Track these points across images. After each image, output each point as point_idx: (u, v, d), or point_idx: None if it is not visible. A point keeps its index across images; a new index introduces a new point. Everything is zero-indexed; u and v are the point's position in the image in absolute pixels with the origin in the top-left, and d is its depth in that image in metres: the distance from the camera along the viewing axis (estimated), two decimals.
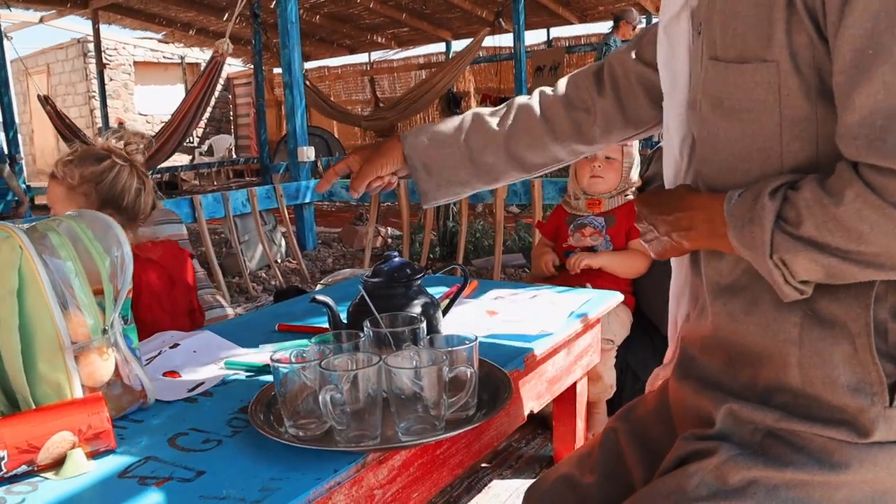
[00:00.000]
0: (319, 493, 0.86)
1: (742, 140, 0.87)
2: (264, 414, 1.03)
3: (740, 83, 0.84)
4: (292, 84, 5.46)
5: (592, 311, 1.62)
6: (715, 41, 0.88)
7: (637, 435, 1.12)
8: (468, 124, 1.29)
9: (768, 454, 0.86)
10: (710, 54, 0.89)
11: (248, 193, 4.78)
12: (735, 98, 0.86)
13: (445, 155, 1.28)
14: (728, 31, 0.85)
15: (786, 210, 0.79)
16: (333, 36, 12.70)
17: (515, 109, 1.29)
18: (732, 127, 0.87)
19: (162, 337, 1.47)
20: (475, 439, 1.23)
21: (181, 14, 11.13)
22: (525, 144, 1.27)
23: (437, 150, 1.28)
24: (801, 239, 0.78)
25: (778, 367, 0.87)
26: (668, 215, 0.97)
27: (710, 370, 0.97)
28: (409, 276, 1.26)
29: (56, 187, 1.63)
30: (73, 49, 14.51)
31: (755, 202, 0.81)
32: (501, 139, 1.27)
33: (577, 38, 12.53)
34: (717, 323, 0.95)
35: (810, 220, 0.77)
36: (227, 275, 4.75)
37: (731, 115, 0.87)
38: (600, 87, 1.26)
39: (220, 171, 13.10)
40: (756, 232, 0.81)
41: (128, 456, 0.97)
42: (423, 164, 1.28)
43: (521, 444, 2.20)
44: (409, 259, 4.76)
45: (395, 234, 6.00)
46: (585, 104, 1.26)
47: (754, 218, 0.81)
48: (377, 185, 1.32)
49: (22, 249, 0.98)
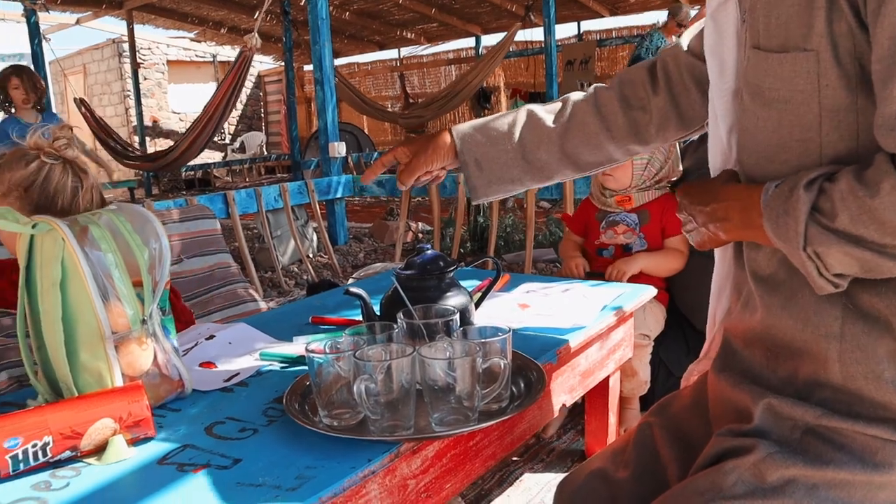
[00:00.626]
0: (353, 481, 0.87)
1: (780, 130, 0.86)
2: (299, 404, 1.05)
3: (779, 72, 0.84)
4: (323, 80, 5.50)
5: (626, 304, 1.61)
6: (758, 30, 0.87)
7: (672, 430, 1.11)
8: (522, 121, 1.27)
9: (808, 452, 0.84)
10: (753, 43, 0.88)
11: (280, 189, 4.83)
12: (774, 88, 0.85)
13: (498, 151, 1.25)
14: (770, 20, 0.84)
15: (821, 202, 0.78)
16: (363, 32, 12.74)
17: (571, 107, 1.27)
18: (771, 116, 0.86)
19: (198, 329, 1.49)
20: (508, 431, 1.24)
21: (213, 13, 11.25)
22: (580, 143, 1.25)
23: (490, 147, 1.26)
24: (835, 231, 0.77)
25: (818, 362, 0.85)
26: (706, 206, 0.96)
27: (751, 364, 0.96)
28: (442, 269, 1.27)
29: None
30: (108, 49, 14.75)
31: (791, 193, 0.80)
32: (556, 137, 1.25)
33: (608, 32, 12.43)
34: (758, 313, 0.94)
35: (845, 212, 0.76)
36: (259, 269, 4.81)
37: (770, 104, 0.86)
38: (654, 85, 1.24)
39: (251, 168, 13.24)
40: (790, 223, 0.80)
41: (167, 443, 0.99)
42: (475, 159, 1.26)
43: (553, 438, 2.19)
44: None
45: (425, 229, 6.01)
46: (641, 102, 1.24)
47: (789, 209, 0.80)
48: (426, 178, 1.30)
49: (64, 242, 1.00)
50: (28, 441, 0.90)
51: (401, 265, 1.31)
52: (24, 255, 1.04)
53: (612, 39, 12.26)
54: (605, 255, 2.32)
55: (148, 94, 14.17)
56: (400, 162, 1.30)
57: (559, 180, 1.32)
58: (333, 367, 0.98)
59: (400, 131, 13.60)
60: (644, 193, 2.28)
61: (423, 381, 0.96)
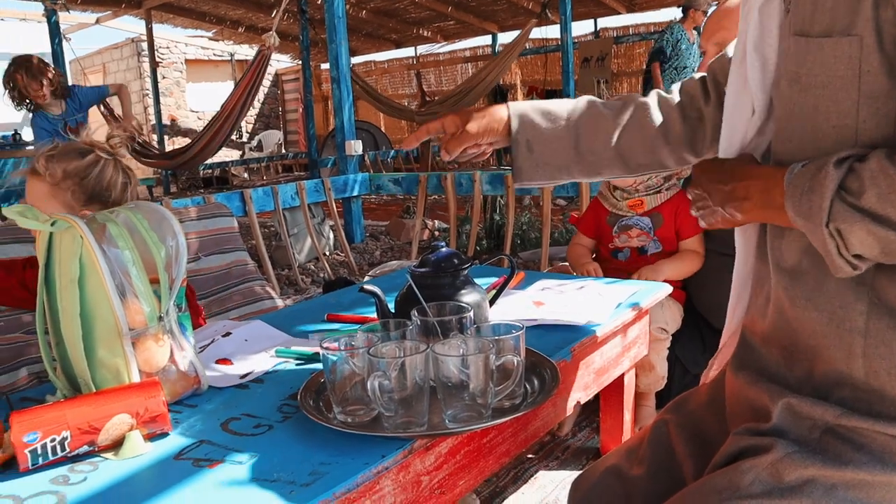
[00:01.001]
0: (367, 477, 0.88)
1: (816, 116, 0.85)
2: (314, 400, 1.05)
3: (820, 57, 0.83)
4: (340, 78, 5.51)
5: (641, 302, 1.61)
6: (802, 17, 0.86)
7: (688, 428, 1.11)
8: (581, 109, 1.25)
9: (827, 452, 0.83)
10: (796, 30, 0.87)
11: (296, 187, 4.85)
12: (813, 73, 0.84)
13: (552, 135, 1.23)
14: (817, 5, 0.83)
15: (849, 180, 0.78)
16: (380, 30, 12.76)
17: (632, 105, 1.26)
18: (807, 102, 0.85)
19: (214, 326, 1.50)
20: (522, 429, 1.24)
21: (231, 12, 11.32)
22: (636, 142, 1.24)
23: (546, 130, 1.23)
24: (860, 209, 0.76)
25: (841, 358, 0.84)
26: (725, 185, 0.95)
27: (769, 362, 0.95)
28: (457, 266, 1.27)
29: (37, 184, 1.50)
30: (127, 48, 14.88)
31: (819, 171, 0.80)
32: (613, 131, 1.24)
33: (624, 28, 12.37)
34: (778, 309, 0.93)
35: (873, 189, 0.75)
36: (276, 267, 4.83)
37: (807, 90, 0.85)
38: (706, 95, 1.23)
39: (269, 166, 13.30)
40: (815, 200, 0.79)
41: (183, 439, 1.00)
42: (527, 140, 1.23)
43: (568, 435, 2.19)
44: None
45: (441, 227, 6.02)
46: (699, 111, 1.23)
47: (815, 186, 0.79)
48: (472, 151, 1.26)
49: (83, 239, 1.01)
50: (47, 436, 0.91)
51: (415, 262, 1.31)
52: (44, 252, 1.06)
53: (629, 36, 12.20)
54: (619, 258, 2.31)
55: (166, 93, 14.28)
56: (447, 131, 1.25)
57: (604, 178, 1.31)
58: (348, 363, 0.98)
59: (415, 128, 13.59)
60: (656, 196, 2.27)
61: (437, 377, 0.96)
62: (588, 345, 1.40)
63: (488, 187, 4.71)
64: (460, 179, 4.81)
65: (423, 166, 10.10)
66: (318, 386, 1.10)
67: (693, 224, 2.21)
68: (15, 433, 0.90)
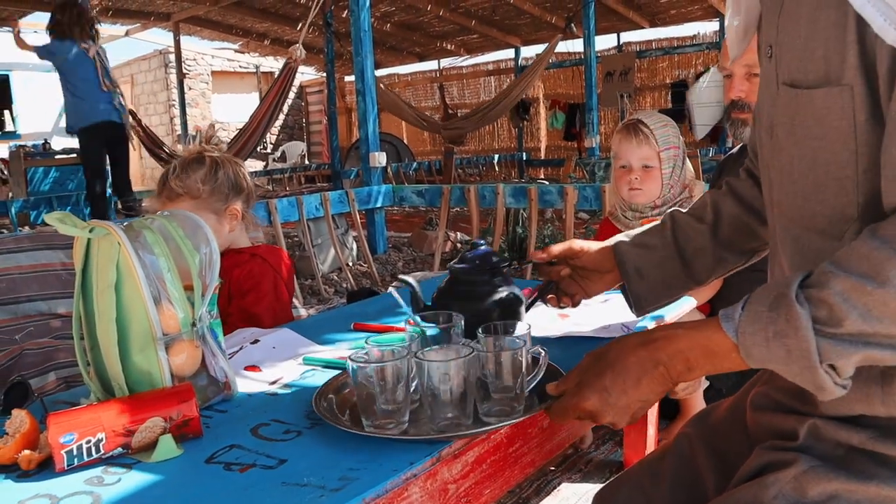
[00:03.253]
0: (396, 483, 0.89)
1: (815, 168, 0.83)
2: (338, 406, 1.06)
3: (812, 109, 0.81)
4: (365, 91, 5.56)
5: (666, 315, 1.60)
6: (787, 65, 0.85)
7: (709, 442, 1.11)
8: (670, 224, 1.27)
9: (851, 467, 0.82)
10: (784, 79, 0.86)
11: (321, 198, 4.89)
12: (807, 125, 0.83)
13: (659, 258, 1.25)
14: (801, 54, 0.82)
15: (818, 311, 0.73)
16: (403, 44, 12.86)
17: (711, 204, 1.25)
18: (805, 155, 0.84)
19: (243, 333, 1.52)
20: (547, 439, 1.24)
21: (256, 25, 11.47)
22: (732, 233, 1.24)
23: (649, 254, 1.26)
24: (847, 338, 0.73)
25: (861, 400, 0.83)
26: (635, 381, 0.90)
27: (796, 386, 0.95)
28: (496, 265, 1.28)
29: (182, 205, 1.65)
30: (155, 60, 15.13)
31: (778, 313, 0.75)
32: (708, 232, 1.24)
33: (647, 43, 12.38)
34: None
35: (852, 312, 0.71)
36: (300, 277, 4.87)
37: (803, 142, 0.84)
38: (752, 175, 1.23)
39: (292, 177, 13.42)
40: (791, 343, 0.75)
41: (214, 443, 1.01)
42: (636, 268, 1.25)
43: (591, 448, 2.18)
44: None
45: (464, 240, 6.03)
46: None
47: (785, 330, 0.75)
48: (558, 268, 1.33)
49: (120, 245, 1.04)
50: (82, 437, 0.93)
51: (455, 260, 1.32)
52: (81, 257, 1.08)
53: (652, 51, 12.20)
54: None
55: (192, 104, 14.48)
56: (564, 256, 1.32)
57: (721, 276, 1.29)
58: (376, 375, 0.99)
59: (438, 141, 13.68)
60: None
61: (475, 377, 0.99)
62: None
63: (511, 200, 4.72)
64: (483, 192, 4.82)
65: (446, 178, 10.13)
66: (334, 391, 1.11)
67: None
68: (52, 434, 0.92)
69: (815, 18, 0.80)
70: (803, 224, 0.88)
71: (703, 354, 0.85)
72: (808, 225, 0.87)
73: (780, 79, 0.87)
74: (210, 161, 1.69)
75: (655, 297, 1.27)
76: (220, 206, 1.72)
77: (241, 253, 1.79)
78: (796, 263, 0.91)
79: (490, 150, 13.99)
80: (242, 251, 1.81)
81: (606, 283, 1.30)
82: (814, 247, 0.87)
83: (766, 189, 1.00)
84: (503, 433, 1.10)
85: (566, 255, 1.30)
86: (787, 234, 0.92)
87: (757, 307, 0.78)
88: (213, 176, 1.69)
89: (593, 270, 1.30)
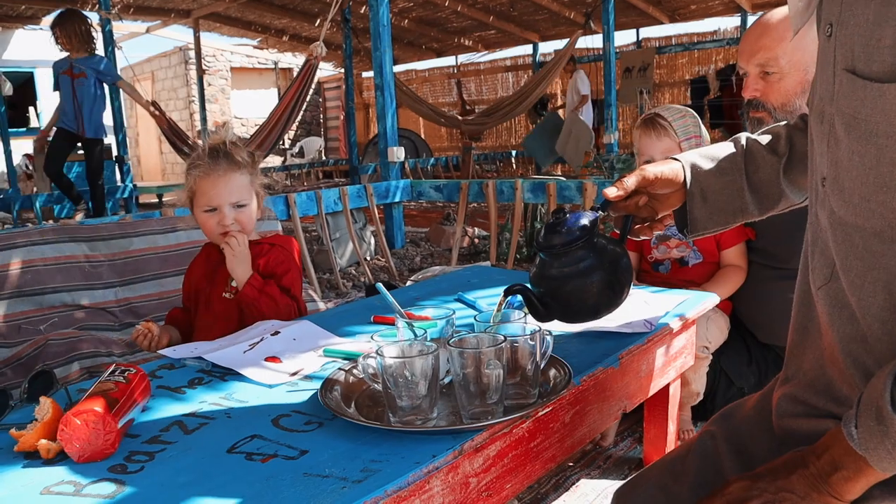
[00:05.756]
0: (418, 476, 0.88)
1: (879, 167, 0.76)
2: (358, 397, 1.06)
3: (880, 105, 0.74)
4: (383, 86, 5.56)
5: (688, 312, 1.59)
6: (852, 50, 0.77)
7: (734, 442, 1.09)
8: (742, 148, 1.24)
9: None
10: (846, 65, 0.78)
11: (339, 192, 4.90)
12: (874, 120, 0.75)
13: (723, 180, 1.22)
14: (870, 41, 0.74)
15: None
16: (421, 39, 12.84)
17: (785, 136, 1.22)
18: (869, 152, 0.77)
19: (263, 325, 1.52)
20: (568, 434, 1.23)
21: (275, 21, 11.50)
22: (800, 170, 1.21)
23: (715, 175, 1.22)
24: None
25: None
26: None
27: (826, 385, 0.93)
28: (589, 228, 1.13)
29: (240, 177, 1.76)
30: (175, 56, 15.22)
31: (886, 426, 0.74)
32: (778, 163, 1.21)
33: (667, 39, 12.27)
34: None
35: None
36: (318, 271, 4.88)
37: (868, 138, 0.77)
38: None
39: (309, 173, 13.46)
40: None
41: (235, 433, 1.01)
42: (701, 189, 1.21)
43: (610, 445, 2.17)
44: (495, 261, 4.71)
45: (481, 235, 6.02)
46: None
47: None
48: (635, 200, 1.22)
49: None
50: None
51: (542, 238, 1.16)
52: None
53: (672, 46, 12.09)
54: (660, 271, 2.28)
55: (212, 100, 14.56)
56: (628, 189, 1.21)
57: (780, 210, 1.26)
58: (405, 369, 0.98)
59: (455, 137, 13.65)
60: None
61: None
62: (635, 353, 1.39)
63: (530, 195, 4.70)
64: (501, 187, 4.81)
65: (464, 174, 10.12)
66: (346, 386, 1.12)
67: (735, 233, 2.18)
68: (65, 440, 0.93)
69: (889, 0, 0.73)
70: (856, 222, 0.82)
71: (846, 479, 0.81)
72: (863, 224, 0.81)
73: (837, 63, 0.80)
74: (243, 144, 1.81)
75: (712, 222, 1.23)
76: (258, 186, 1.81)
77: (260, 244, 1.80)
78: (849, 264, 0.85)
79: (507, 145, 13.94)
80: (261, 242, 1.82)
81: (671, 203, 1.24)
82: (869, 248, 0.82)
83: (812, 173, 0.95)
84: (525, 427, 1.10)
85: (642, 185, 1.20)
86: (836, 228, 0.86)
87: (866, 420, 0.76)
88: (251, 155, 1.79)
89: (662, 192, 1.24)
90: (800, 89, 1.76)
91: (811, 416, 0.94)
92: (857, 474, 0.79)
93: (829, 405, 0.92)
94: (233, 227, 1.73)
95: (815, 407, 0.94)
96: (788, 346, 1.05)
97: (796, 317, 1.03)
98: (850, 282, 0.84)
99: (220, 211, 1.73)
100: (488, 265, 4.24)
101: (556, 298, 1.12)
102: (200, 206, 1.75)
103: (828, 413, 0.91)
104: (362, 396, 1.10)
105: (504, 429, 1.04)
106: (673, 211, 1.26)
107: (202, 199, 1.74)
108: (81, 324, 2.12)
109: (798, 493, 0.82)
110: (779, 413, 1.01)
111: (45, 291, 2.16)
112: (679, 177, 1.21)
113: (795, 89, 1.77)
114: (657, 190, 1.22)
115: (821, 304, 0.92)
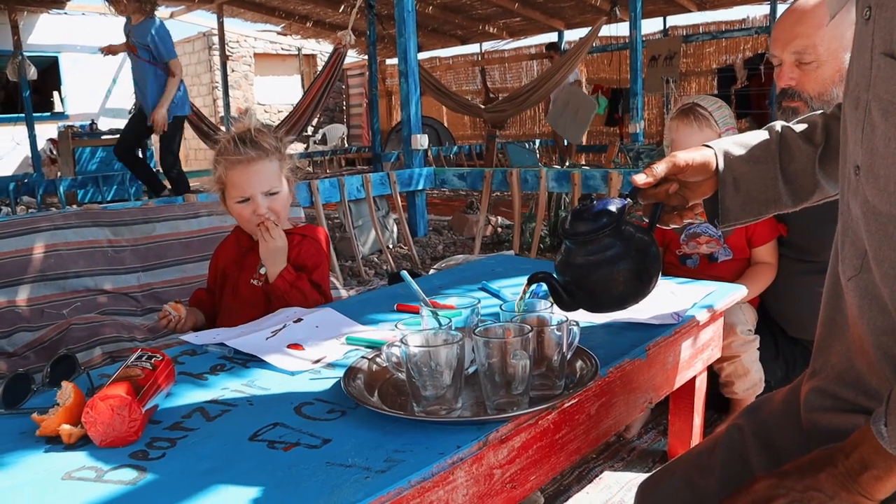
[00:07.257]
0: (442, 467, 0.87)
1: None
2: (381, 386, 1.05)
3: None
4: (408, 73, 5.53)
5: (716, 303, 1.56)
6: (888, 32, 0.75)
7: (762, 436, 1.06)
8: (777, 137, 1.19)
9: None
10: (885, 48, 0.76)
11: (362, 179, 4.89)
12: None
13: (757, 169, 1.17)
14: None
15: None
16: (445, 27, 12.78)
17: (822, 126, 1.18)
18: None
19: (286, 312, 1.51)
20: (594, 426, 1.21)
21: (299, 7, 11.49)
22: (835, 163, 1.15)
23: (748, 164, 1.17)
24: None
25: None
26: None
27: (856, 378, 0.90)
28: (619, 214, 1.09)
29: (270, 165, 1.74)
30: (199, 42, 15.27)
31: None
32: (814, 154, 1.17)
33: (694, 27, 12.10)
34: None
35: None
36: (340, 258, 4.88)
37: None
38: None
39: (332, 160, 13.48)
40: None
41: (257, 420, 1.00)
42: (734, 177, 1.17)
43: (634, 437, 2.14)
44: (518, 250, 4.67)
45: (505, 224, 5.99)
46: None
47: None
48: (665, 188, 1.18)
49: None
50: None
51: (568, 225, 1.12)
52: None
53: (699, 35, 11.92)
54: (688, 265, 2.24)
55: (235, 86, 14.61)
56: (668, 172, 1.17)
57: (814, 202, 1.22)
58: (430, 358, 0.96)
59: (479, 126, 13.59)
60: None
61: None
62: (662, 344, 1.36)
63: (554, 184, 4.66)
64: (526, 176, 4.77)
65: (488, 162, 10.07)
66: (369, 374, 1.11)
67: (767, 230, 2.13)
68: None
69: None
70: (891, 211, 0.79)
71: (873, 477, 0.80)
72: None
73: (875, 47, 0.78)
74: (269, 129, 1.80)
75: (745, 212, 1.18)
76: (287, 171, 1.80)
77: (292, 233, 1.79)
78: (882, 254, 0.82)
79: (531, 135, 13.85)
80: (292, 231, 1.80)
81: (703, 192, 1.19)
82: None
83: (844, 162, 0.92)
84: (550, 419, 1.08)
85: (672, 172, 1.16)
86: (870, 218, 0.84)
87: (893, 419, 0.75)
88: (279, 141, 1.77)
89: (692, 180, 1.19)
90: (837, 77, 1.71)
91: (840, 411, 0.92)
92: (888, 473, 0.77)
93: (858, 398, 0.90)
94: (268, 215, 1.72)
95: (844, 400, 0.92)
96: (816, 340, 1.02)
97: (825, 309, 1.00)
98: (882, 272, 0.82)
99: (253, 200, 1.72)
100: (512, 254, 4.22)
101: (581, 287, 1.09)
102: (233, 198, 1.74)
103: (857, 406, 0.89)
104: (386, 385, 1.09)
105: (529, 420, 1.02)
106: (703, 201, 1.22)
107: (234, 190, 1.73)
108: (104, 308, 2.13)
109: (826, 492, 0.80)
110: (807, 407, 0.99)
111: (67, 276, 2.17)
112: (711, 164, 1.17)
113: (833, 78, 1.72)
114: (688, 177, 1.18)
115: (850, 296, 0.89)
